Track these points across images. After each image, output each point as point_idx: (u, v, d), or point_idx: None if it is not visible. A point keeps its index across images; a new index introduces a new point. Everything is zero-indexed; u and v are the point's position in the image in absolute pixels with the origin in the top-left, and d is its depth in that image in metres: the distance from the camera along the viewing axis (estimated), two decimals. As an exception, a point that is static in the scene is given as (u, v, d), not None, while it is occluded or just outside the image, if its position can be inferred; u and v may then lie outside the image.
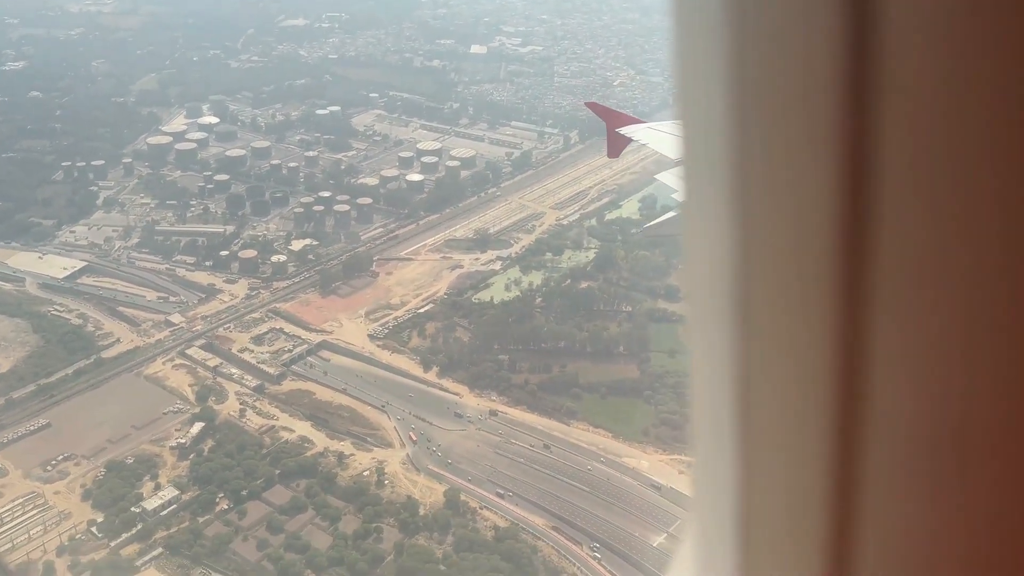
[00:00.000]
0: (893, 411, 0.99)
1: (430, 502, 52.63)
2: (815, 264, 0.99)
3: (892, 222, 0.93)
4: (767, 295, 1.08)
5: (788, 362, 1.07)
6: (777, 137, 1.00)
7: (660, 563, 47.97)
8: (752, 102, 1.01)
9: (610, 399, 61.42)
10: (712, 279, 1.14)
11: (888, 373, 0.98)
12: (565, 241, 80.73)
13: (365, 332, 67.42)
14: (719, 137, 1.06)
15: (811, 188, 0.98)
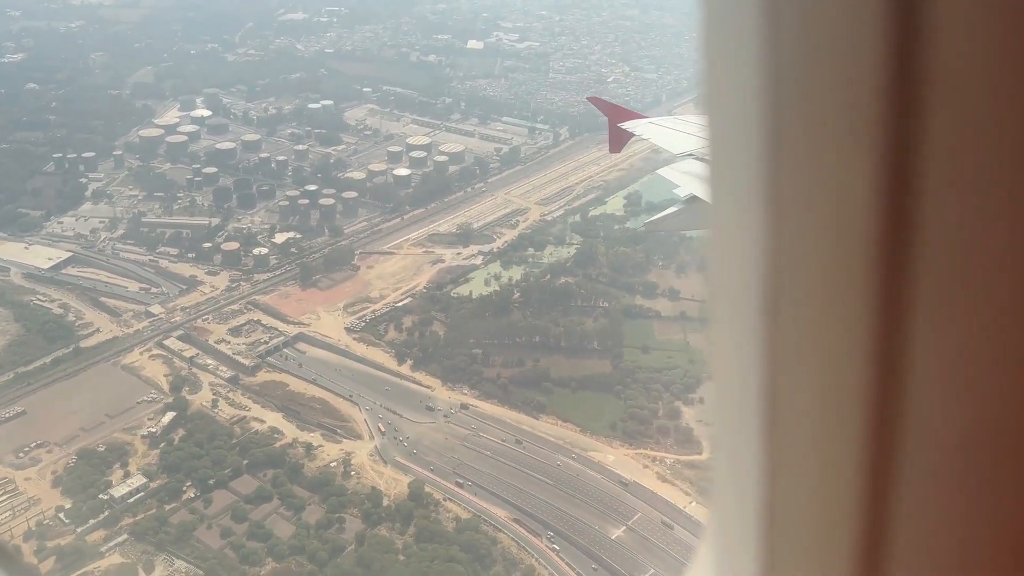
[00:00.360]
0: (928, 415, 0.96)
1: (394, 493, 53.25)
2: (852, 265, 0.96)
3: (933, 223, 0.90)
4: (800, 295, 1.04)
5: (820, 364, 1.04)
6: (815, 135, 0.97)
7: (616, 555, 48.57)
8: (790, 98, 0.98)
9: (580, 394, 61.87)
10: (740, 280, 1.11)
11: (924, 376, 0.95)
12: (548, 237, 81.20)
13: (342, 325, 68.08)
14: (752, 135, 1.03)
15: (850, 187, 0.94)
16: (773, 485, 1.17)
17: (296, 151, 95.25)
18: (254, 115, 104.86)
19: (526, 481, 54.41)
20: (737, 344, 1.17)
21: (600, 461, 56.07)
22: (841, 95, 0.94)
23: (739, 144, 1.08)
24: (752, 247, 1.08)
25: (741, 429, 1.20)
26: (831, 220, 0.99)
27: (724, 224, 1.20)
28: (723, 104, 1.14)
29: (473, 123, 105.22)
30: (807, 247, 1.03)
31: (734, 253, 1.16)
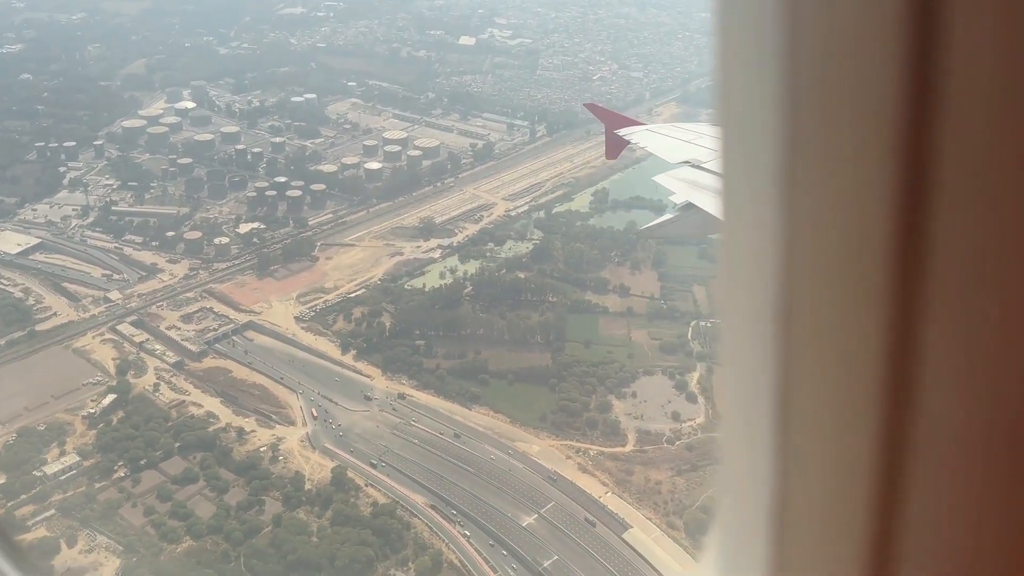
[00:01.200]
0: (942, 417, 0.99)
1: (318, 478, 54.84)
2: (865, 267, 0.99)
3: (947, 227, 0.92)
4: (813, 298, 1.07)
5: (834, 367, 1.07)
6: (831, 139, 0.99)
7: (524, 541, 49.82)
8: (806, 102, 1.00)
9: (516, 386, 63.16)
10: (753, 282, 1.15)
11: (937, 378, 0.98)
12: (509, 232, 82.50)
13: (292, 314, 69.86)
14: (767, 139, 1.05)
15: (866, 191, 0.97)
16: (784, 485, 1.20)
17: (273, 143, 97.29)
18: (237, 108, 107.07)
19: (449, 469, 55.81)
20: (750, 349, 1.20)
21: (524, 451, 57.31)
22: (857, 99, 0.94)
23: (754, 149, 1.10)
24: (766, 250, 1.10)
25: (752, 430, 1.23)
26: (846, 224, 0.99)
27: (737, 227, 1.22)
28: (738, 108, 1.16)
29: (453, 118, 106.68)
30: (821, 251, 1.04)
31: (747, 256, 1.18)
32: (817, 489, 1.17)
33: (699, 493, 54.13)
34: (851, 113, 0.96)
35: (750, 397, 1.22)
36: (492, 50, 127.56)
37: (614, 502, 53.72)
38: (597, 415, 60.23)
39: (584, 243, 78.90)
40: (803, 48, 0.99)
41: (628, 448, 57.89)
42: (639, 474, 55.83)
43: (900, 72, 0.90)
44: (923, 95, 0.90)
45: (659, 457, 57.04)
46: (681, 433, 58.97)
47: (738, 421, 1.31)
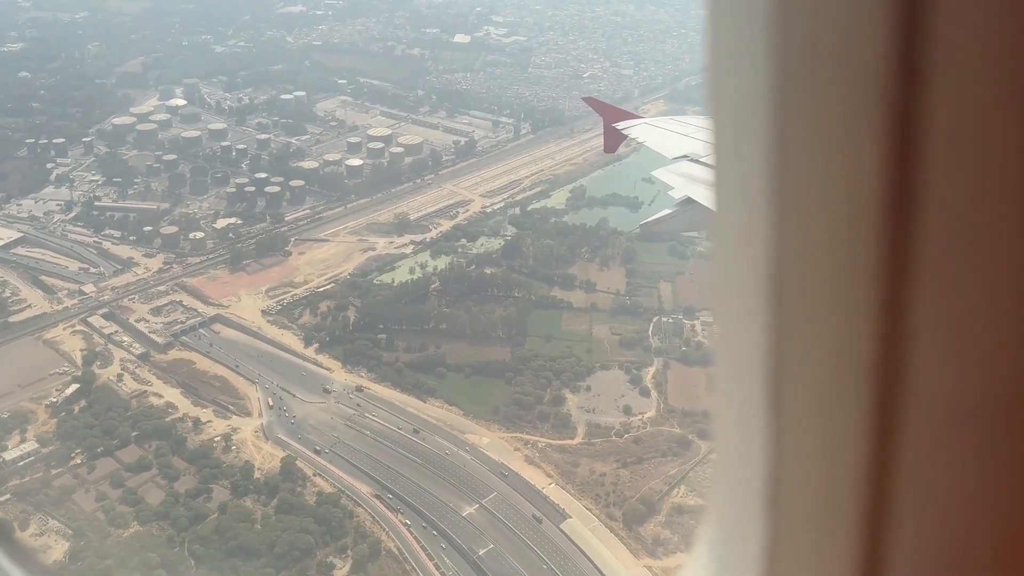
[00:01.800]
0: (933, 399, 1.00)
1: (267, 468, 56.27)
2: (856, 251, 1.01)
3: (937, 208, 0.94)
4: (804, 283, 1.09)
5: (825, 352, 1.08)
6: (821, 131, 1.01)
7: (462, 531, 50.93)
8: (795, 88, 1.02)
9: (473, 379, 64.28)
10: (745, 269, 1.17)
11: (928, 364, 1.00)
12: (483, 228, 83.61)
13: (259, 308, 71.40)
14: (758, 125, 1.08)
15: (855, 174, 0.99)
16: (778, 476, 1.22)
17: (259, 140, 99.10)
18: (228, 105, 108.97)
19: (396, 460, 57.02)
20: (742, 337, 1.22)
21: (474, 443, 58.40)
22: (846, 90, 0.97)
23: (745, 141, 1.13)
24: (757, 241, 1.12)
25: (746, 421, 1.25)
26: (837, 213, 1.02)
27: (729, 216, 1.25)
28: (729, 100, 1.18)
29: (440, 116, 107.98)
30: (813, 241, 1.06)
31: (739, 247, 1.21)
32: (813, 482, 1.18)
33: (641, 485, 54.98)
34: (840, 104, 0.97)
35: (744, 390, 1.24)
36: (486, 48, 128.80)
37: (556, 493, 54.69)
38: (549, 408, 61.19)
39: (555, 240, 79.88)
40: (792, 41, 1.00)
41: (576, 441, 58.84)
42: (584, 466, 56.75)
43: (889, 64, 0.92)
44: (912, 88, 0.91)
45: (606, 450, 57.94)
46: (630, 427, 59.82)
47: (732, 415, 1.34)
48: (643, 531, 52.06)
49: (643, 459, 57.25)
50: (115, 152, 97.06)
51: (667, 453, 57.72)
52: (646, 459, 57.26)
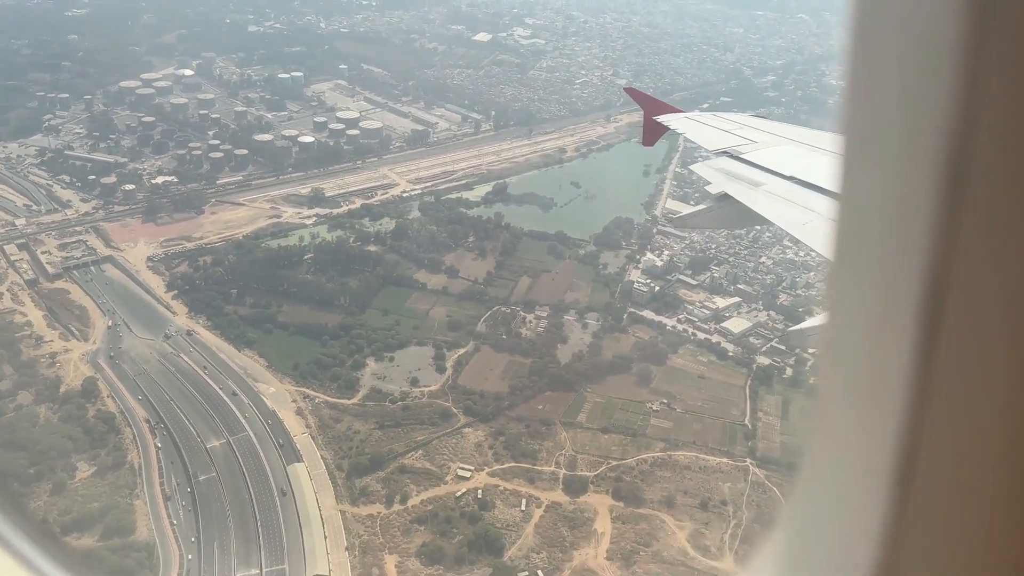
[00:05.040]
0: None
1: (72, 384, 65.74)
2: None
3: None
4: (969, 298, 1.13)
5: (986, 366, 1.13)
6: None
7: (198, 459, 58.66)
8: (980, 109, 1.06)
9: (294, 337, 71.89)
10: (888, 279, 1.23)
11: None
12: (390, 210, 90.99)
13: (147, 255, 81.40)
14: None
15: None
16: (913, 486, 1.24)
17: (236, 112, 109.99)
18: (229, 79, 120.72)
19: (182, 395, 65.24)
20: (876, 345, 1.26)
21: (260, 391, 65.98)
22: None
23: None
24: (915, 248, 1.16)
25: (876, 429, 1.27)
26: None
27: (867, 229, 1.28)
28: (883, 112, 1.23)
29: (418, 106, 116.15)
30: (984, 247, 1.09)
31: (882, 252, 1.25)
32: (955, 465, 1.19)
33: (383, 446, 61.03)
34: None
35: (874, 394, 1.27)
36: (501, 48, 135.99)
37: (304, 441, 61.52)
38: (345, 371, 67.92)
39: (444, 227, 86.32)
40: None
41: (352, 401, 65.40)
42: (345, 423, 63.27)
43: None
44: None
45: (373, 412, 64.21)
46: (407, 396, 65.78)
47: (857, 396, 1.37)
48: (357, 483, 58.19)
49: (401, 424, 63.20)
50: (108, 111, 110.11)
51: (425, 422, 63.41)
52: (404, 424, 63.18)
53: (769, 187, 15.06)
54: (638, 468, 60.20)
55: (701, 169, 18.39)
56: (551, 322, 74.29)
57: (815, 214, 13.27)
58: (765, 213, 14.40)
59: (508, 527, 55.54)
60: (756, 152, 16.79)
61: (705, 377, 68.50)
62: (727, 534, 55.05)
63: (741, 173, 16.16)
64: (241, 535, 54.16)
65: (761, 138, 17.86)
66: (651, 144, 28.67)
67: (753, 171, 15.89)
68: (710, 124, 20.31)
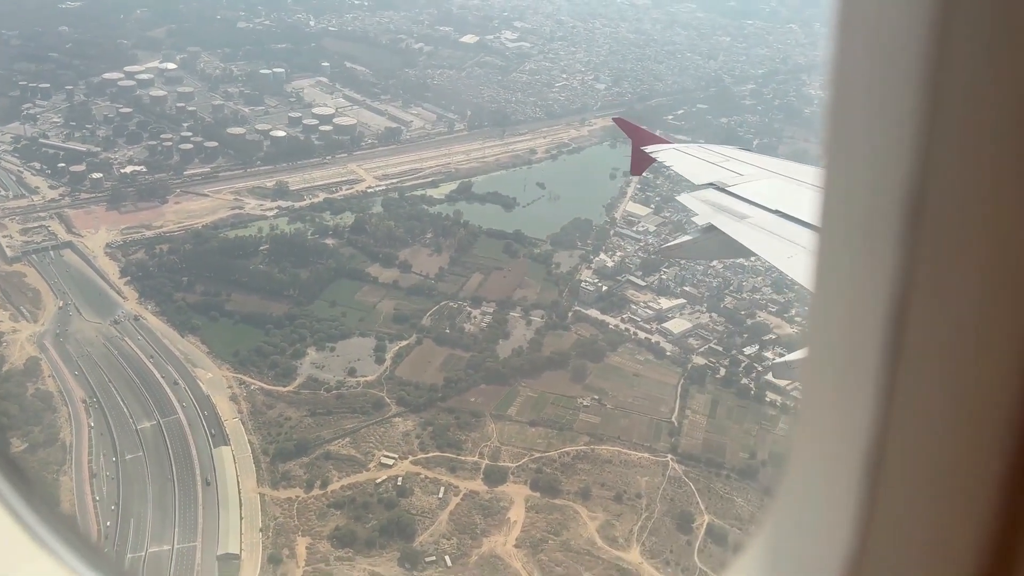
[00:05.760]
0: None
1: (16, 364, 67.68)
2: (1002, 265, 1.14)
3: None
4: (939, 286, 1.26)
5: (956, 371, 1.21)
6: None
7: (128, 440, 60.43)
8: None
9: (239, 326, 73.59)
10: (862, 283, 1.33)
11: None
12: (352, 205, 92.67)
13: (106, 241, 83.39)
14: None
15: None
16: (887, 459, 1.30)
17: (213, 106, 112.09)
18: (212, 73, 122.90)
19: (121, 378, 67.01)
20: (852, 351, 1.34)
21: (198, 376, 67.70)
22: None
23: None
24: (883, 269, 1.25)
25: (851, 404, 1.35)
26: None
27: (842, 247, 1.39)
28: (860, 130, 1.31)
29: (395, 105, 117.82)
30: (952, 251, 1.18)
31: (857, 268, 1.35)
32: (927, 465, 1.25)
33: (311, 433, 62.53)
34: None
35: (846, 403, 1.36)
36: (487, 50, 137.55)
37: (234, 425, 63.14)
38: (285, 360, 69.53)
39: (402, 223, 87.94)
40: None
41: (287, 389, 67.00)
42: (277, 409, 64.87)
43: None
44: None
45: (306, 400, 65.79)
46: (343, 385, 67.31)
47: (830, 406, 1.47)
48: (280, 467, 59.73)
49: (333, 412, 64.74)
50: (88, 101, 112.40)
51: (357, 411, 64.91)
52: (335, 412, 64.71)
53: (755, 220, 15.35)
54: (560, 461, 61.33)
55: (688, 200, 18.72)
56: (496, 318, 75.62)
57: (799, 247, 13.65)
58: (750, 245, 14.79)
59: (423, 514, 56.84)
60: (742, 185, 17.21)
61: (640, 375, 69.58)
62: (636, 526, 56.18)
63: (727, 205, 16.51)
64: (159, 513, 55.76)
65: (747, 171, 18.31)
66: (639, 173, 30.17)
67: (739, 204, 16.23)
68: (697, 156, 20.85)
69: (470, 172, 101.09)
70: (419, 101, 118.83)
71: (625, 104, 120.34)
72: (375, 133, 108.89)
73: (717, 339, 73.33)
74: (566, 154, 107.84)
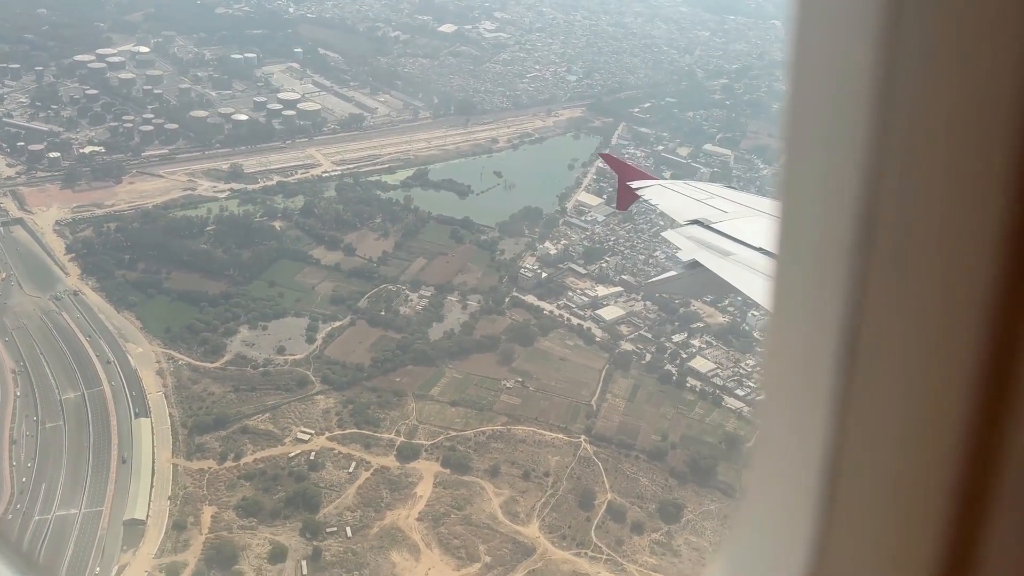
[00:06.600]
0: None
1: (-50, 334, 69.88)
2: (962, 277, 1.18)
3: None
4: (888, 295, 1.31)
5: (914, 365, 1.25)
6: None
7: (51, 409, 62.44)
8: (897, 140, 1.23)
9: (175, 303, 75.57)
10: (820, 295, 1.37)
11: None
12: (306, 188, 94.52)
13: (56, 219, 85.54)
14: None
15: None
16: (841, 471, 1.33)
17: (180, 89, 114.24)
18: (184, 57, 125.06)
19: (53, 350, 69.07)
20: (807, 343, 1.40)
21: (128, 350, 69.71)
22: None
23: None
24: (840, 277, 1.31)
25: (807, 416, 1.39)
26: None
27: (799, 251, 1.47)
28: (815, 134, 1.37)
29: (364, 92, 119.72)
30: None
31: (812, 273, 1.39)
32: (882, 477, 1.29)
33: (233, 408, 64.41)
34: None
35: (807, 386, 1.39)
36: (463, 39, 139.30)
37: (157, 398, 65.10)
38: (215, 337, 71.44)
39: (351, 207, 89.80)
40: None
41: (214, 365, 68.91)
42: (202, 384, 66.79)
43: None
44: None
45: (232, 376, 67.71)
46: (270, 363, 69.16)
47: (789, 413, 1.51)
48: (197, 439, 61.65)
49: (256, 388, 66.63)
50: (56, 83, 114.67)
51: (281, 388, 66.79)
52: (259, 389, 66.61)
53: (738, 256, 15.62)
54: (475, 440, 63.01)
55: (672, 236, 18.75)
56: (432, 302, 77.35)
57: None
58: (734, 282, 15.03)
59: (331, 487, 58.61)
60: (726, 222, 17.48)
61: (566, 360, 71.18)
62: (539, 502, 57.82)
63: (711, 242, 16.66)
64: (71, 479, 57.68)
65: (731, 209, 18.60)
66: (624, 209, 30.50)
67: (723, 240, 16.49)
68: (682, 193, 21.00)
69: (428, 160, 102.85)
70: (388, 89, 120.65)
71: (594, 96, 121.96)
72: (339, 119, 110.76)
73: (648, 326, 74.79)
74: (528, 144, 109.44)
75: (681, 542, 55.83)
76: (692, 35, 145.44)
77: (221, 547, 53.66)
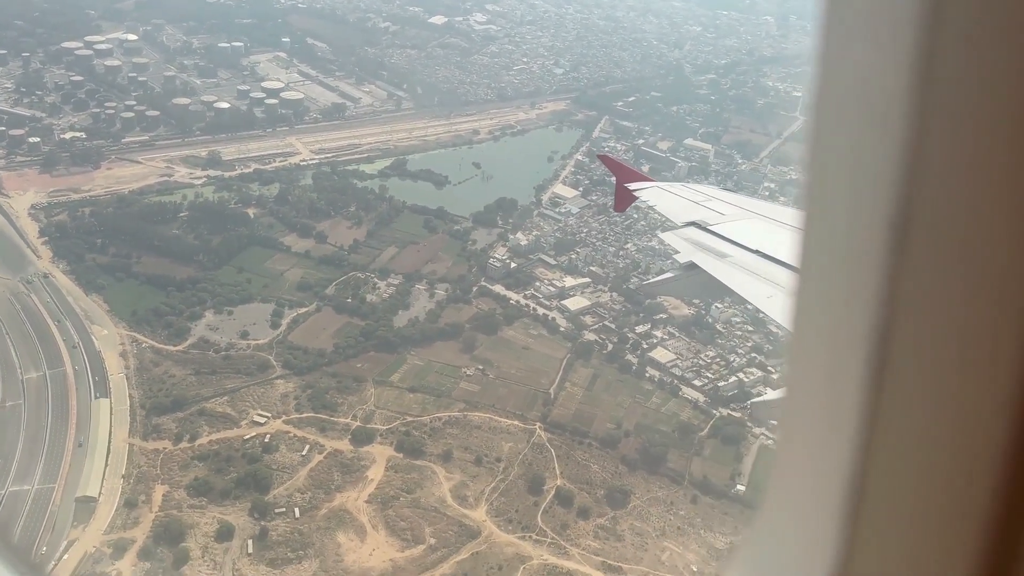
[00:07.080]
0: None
1: (-82, 313, 71.15)
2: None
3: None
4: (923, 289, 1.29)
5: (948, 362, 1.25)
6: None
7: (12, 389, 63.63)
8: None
9: (143, 287, 76.73)
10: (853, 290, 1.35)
11: None
12: (283, 176, 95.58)
13: (32, 203, 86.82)
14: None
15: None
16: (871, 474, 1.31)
17: (165, 77, 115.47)
18: (172, 46, 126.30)
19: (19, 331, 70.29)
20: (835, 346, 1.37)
21: (94, 331, 70.86)
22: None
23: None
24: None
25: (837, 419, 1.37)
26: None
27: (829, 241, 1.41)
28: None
29: (349, 82, 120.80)
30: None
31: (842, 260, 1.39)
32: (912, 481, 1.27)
33: (193, 391, 65.52)
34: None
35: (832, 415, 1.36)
36: (453, 31, 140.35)
37: (119, 380, 66.23)
38: (180, 321, 72.55)
39: (326, 195, 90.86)
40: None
41: (177, 348, 70.05)
42: (164, 367, 67.92)
43: None
44: None
45: (194, 359, 68.80)
46: (232, 347, 70.26)
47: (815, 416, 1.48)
48: (154, 420, 62.78)
49: (217, 372, 67.72)
50: (43, 69, 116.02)
51: (241, 372, 67.87)
52: (220, 372, 67.71)
53: (735, 259, 15.63)
54: (431, 425, 63.98)
55: (669, 238, 18.48)
56: (400, 289, 78.33)
57: (779, 287, 13.90)
58: (731, 284, 15.01)
59: (283, 469, 59.67)
60: (723, 225, 17.52)
61: (529, 348, 72.09)
62: (489, 487, 58.75)
63: (708, 244, 16.66)
64: (27, 456, 58.84)
65: (728, 211, 18.63)
66: (622, 211, 29.16)
67: (720, 243, 16.51)
68: (679, 195, 20.86)
69: (408, 150, 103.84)
70: (373, 79, 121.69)
71: (579, 89, 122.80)
72: (321, 108, 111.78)
73: (612, 317, 75.63)
74: (509, 136, 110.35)
75: (626, 527, 56.70)
76: (683, 30, 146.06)
77: (170, 525, 54.72)
